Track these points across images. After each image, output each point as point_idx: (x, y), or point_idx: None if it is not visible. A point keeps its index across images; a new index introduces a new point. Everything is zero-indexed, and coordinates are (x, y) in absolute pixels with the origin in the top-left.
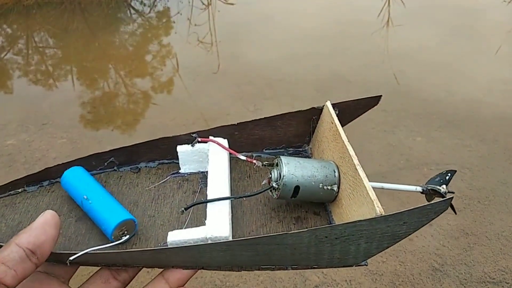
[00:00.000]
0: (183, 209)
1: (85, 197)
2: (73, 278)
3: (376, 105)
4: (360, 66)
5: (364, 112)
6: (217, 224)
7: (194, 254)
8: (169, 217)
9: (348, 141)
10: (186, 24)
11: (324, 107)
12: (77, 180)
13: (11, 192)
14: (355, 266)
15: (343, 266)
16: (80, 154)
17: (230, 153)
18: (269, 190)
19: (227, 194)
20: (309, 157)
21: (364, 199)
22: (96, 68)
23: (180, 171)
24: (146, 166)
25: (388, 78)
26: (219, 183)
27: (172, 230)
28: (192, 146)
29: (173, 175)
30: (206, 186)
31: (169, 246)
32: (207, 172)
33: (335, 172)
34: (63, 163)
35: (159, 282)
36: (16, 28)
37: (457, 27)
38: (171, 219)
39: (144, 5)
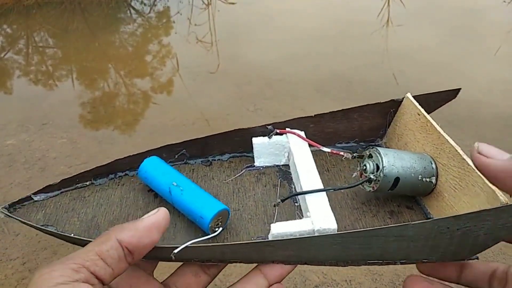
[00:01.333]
0: (279, 201)
1: (175, 183)
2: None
3: (454, 98)
4: (360, 66)
5: (442, 106)
6: (323, 215)
7: (303, 247)
8: (255, 211)
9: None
10: (186, 24)
11: (405, 99)
12: (160, 168)
13: (78, 185)
14: (466, 260)
15: (454, 260)
16: (80, 154)
17: (310, 145)
18: (362, 184)
19: (320, 186)
20: None
21: (480, 189)
22: (96, 68)
23: (255, 164)
24: (218, 159)
25: (387, 78)
26: (309, 175)
27: (262, 224)
28: (270, 138)
29: (248, 169)
30: (285, 180)
31: (275, 239)
32: (282, 165)
33: (432, 163)
34: (133, 155)
35: (255, 276)
36: (16, 28)
37: (457, 27)
38: (258, 212)
39: (144, 5)
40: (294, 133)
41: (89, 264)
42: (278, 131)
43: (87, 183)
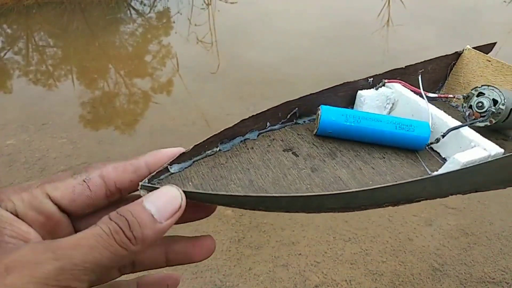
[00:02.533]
0: (441, 135)
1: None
2: None
3: (491, 51)
4: (360, 66)
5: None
6: (487, 143)
7: (489, 172)
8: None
9: None
10: (186, 24)
11: (466, 50)
12: (338, 113)
13: (208, 152)
14: None
15: None
16: (80, 154)
17: (416, 93)
18: (474, 121)
19: (457, 122)
20: (445, 101)
21: None
22: (96, 68)
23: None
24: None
25: None
26: (440, 114)
27: (411, 165)
28: (377, 89)
29: None
30: None
31: (470, 165)
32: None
33: None
34: (255, 115)
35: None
36: (16, 28)
37: (458, 28)
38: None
39: (144, 5)
40: (401, 82)
41: (66, 280)
42: (386, 81)
43: (216, 149)
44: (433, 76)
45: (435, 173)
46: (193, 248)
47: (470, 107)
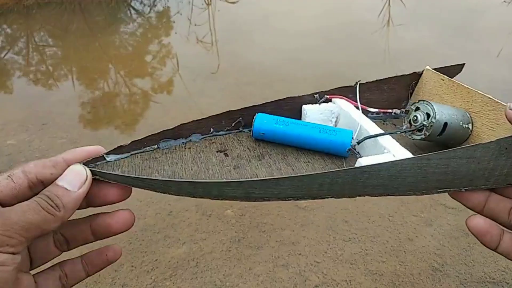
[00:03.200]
0: (356, 142)
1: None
2: None
3: (460, 72)
4: (361, 66)
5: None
6: (399, 149)
7: (392, 175)
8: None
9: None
10: (186, 24)
11: (425, 71)
12: (273, 119)
13: (147, 148)
14: None
15: (507, 185)
16: None
17: (358, 108)
18: (410, 133)
19: (380, 131)
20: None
21: None
22: (96, 68)
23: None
24: None
25: None
26: (369, 125)
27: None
28: (319, 104)
29: None
30: None
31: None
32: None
33: (466, 113)
34: (196, 120)
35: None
36: (16, 28)
37: (458, 28)
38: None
39: (144, 5)
40: (343, 98)
41: (14, 237)
42: (327, 96)
43: (155, 146)
44: (393, 95)
45: (327, 171)
46: (111, 220)
47: (409, 121)
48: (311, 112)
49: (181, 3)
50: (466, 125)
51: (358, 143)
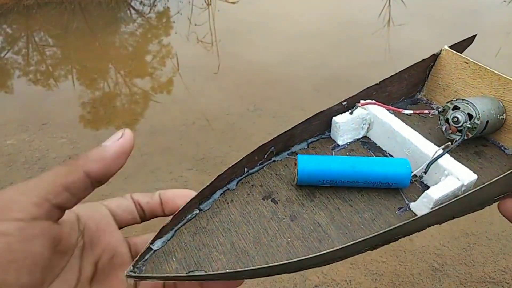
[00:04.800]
0: (423, 172)
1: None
2: None
3: (471, 44)
4: (361, 66)
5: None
6: (461, 169)
7: (463, 203)
8: None
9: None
10: (186, 24)
11: (443, 51)
12: (319, 160)
13: (188, 216)
14: None
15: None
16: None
17: (392, 111)
18: (454, 134)
19: (433, 148)
20: (426, 103)
21: None
22: (96, 68)
23: (338, 143)
24: (301, 149)
25: None
26: (419, 140)
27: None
28: (351, 113)
29: (336, 149)
30: (374, 150)
31: (449, 201)
32: (362, 138)
33: (499, 102)
34: (230, 167)
35: None
36: (16, 28)
37: (458, 27)
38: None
39: (144, 5)
40: (375, 103)
41: (53, 197)
42: (359, 104)
43: (197, 211)
44: (412, 80)
45: (403, 222)
46: None
47: (447, 120)
48: (344, 125)
49: (181, 3)
50: (501, 116)
51: (425, 172)
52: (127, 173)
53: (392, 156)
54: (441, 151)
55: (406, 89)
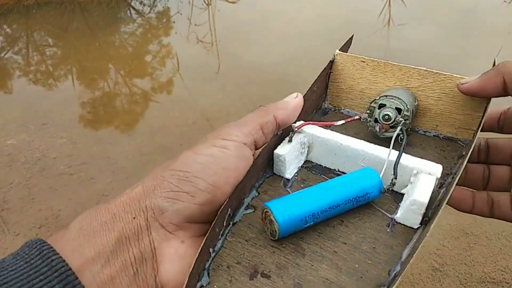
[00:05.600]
0: (394, 176)
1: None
2: None
3: (351, 45)
4: None
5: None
6: (428, 165)
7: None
8: None
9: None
10: (186, 24)
11: (338, 55)
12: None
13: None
14: None
15: None
16: (80, 154)
17: (325, 126)
18: (388, 132)
19: (387, 151)
20: (335, 110)
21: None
22: (96, 68)
23: (287, 177)
24: (252, 199)
25: None
26: (371, 147)
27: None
28: (290, 141)
29: (288, 185)
30: (323, 173)
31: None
32: (304, 163)
33: (408, 90)
34: (194, 265)
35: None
36: (16, 28)
37: (458, 27)
38: None
39: (144, 5)
40: (310, 123)
41: (254, 133)
42: (296, 129)
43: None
44: (319, 92)
45: (416, 240)
46: None
47: (376, 120)
48: (288, 156)
49: (181, 3)
50: (416, 103)
51: (395, 177)
52: (127, 173)
53: (344, 172)
54: (394, 152)
55: (316, 101)
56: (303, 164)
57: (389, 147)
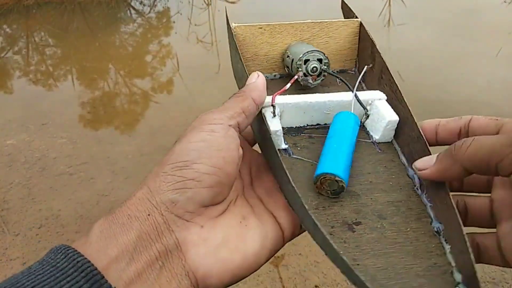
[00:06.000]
0: (366, 109)
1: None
2: None
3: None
4: None
5: None
6: (375, 93)
7: None
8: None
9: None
10: (186, 24)
11: (235, 28)
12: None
13: None
14: None
15: None
16: (80, 154)
17: (283, 93)
18: (315, 81)
19: (347, 94)
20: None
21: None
22: (96, 68)
23: (283, 147)
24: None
25: None
26: (331, 95)
27: None
28: (275, 115)
29: (292, 156)
30: (300, 132)
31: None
32: (306, 125)
33: (304, 42)
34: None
35: None
36: (16, 28)
37: (458, 27)
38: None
39: (144, 5)
40: (277, 94)
41: (236, 116)
42: (274, 103)
43: None
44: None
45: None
46: None
47: (305, 74)
48: (280, 130)
49: (181, 3)
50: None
51: (367, 110)
52: (127, 173)
53: (313, 125)
54: (351, 93)
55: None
56: (304, 125)
57: (331, 93)
